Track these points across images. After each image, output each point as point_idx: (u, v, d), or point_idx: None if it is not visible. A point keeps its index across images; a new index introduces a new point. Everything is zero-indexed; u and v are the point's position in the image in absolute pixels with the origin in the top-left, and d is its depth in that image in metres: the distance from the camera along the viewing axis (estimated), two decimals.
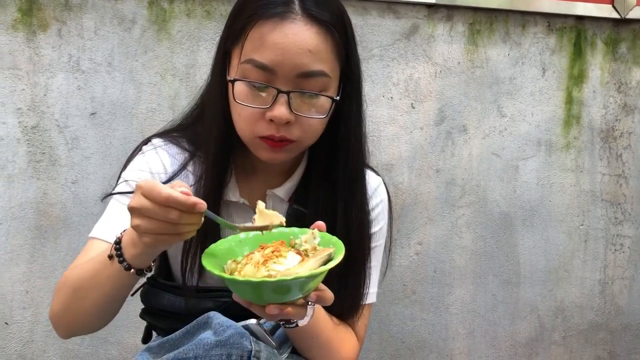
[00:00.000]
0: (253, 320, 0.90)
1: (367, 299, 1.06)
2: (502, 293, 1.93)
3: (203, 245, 0.95)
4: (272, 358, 0.85)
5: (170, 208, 0.70)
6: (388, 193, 1.12)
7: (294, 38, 0.87)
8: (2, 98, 1.58)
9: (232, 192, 1.01)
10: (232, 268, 0.79)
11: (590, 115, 1.93)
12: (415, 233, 1.85)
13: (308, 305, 0.82)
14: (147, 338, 1.10)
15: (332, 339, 0.99)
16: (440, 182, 1.85)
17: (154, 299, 1.02)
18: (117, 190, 0.99)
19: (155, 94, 1.65)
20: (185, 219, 0.72)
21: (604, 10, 1.86)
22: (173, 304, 1.00)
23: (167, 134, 1.05)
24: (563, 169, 1.93)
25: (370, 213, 1.05)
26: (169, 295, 1.00)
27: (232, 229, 0.81)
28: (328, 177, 1.00)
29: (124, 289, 0.88)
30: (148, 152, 1.02)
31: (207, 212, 0.74)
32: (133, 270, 0.81)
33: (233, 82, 0.90)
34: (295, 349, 1.00)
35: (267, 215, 0.82)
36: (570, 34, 1.89)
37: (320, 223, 0.84)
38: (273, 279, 0.71)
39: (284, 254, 0.77)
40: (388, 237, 1.12)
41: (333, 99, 0.92)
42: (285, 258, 0.76)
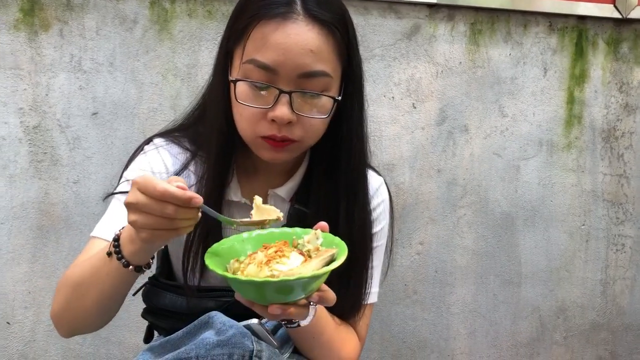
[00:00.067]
0: (255, 320, 0.90)
1: (368, 299, 1.06)
2: (503, 293, 1.93)
3: (205, 245, 0.95)
4: (273, 358, 0.85)
5: (166, 203, 0.70)
6: (389, 193, 1.12)
7: (296, 38, 0.87)
8: (4, 98, 1.58)
9: (233, 191, 1.01)
10: (235, 267, 0.79)
11: (592, 115, 1.92)
12: (417, 233, 1.85)
13: (310, 306, 0.82)
14: (148, 338, 1.10)
15: (333, 339, 0.99)
16: (442, 182, 1.85)
17: (156, 299, 1.02)
18: (118, 190, 0.99)
19: (157, 94, 1.65)
20: (182, 214, 0.72)
21: (606, 10, 1.86)
22: (174, 304, 1.00)
23: (168, 134, 1.05)
24: (564, 169, 1.93)
25: (372, 213, 1.05)
26: (171, 295, 1.01)
27: (229, 224, 0.81)
28: (330, 177, 1.00)
29: (124, 287, 0.88)
30: (150, 151, 1.02)
31: (203, 206, 0.73)
32: (132, 267, 0.81)
33: (235, 82, 0.90)
34: (297, 349, 1.00)
35: (264, 210, 0.82)
36: (572, 34, 1.88)
37: (323, 224, 0.84)
38: (276, 279, 0.71)
39: (287, 254, 0.77)
40: (389, 237, 1.12)
41: (335, 99, 0.92)
42: (288, 258, 0.76)
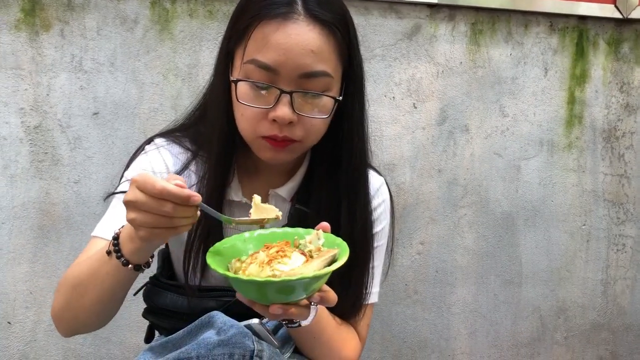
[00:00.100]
0: (255, 320, 0.90)
1: (369, 299, 1.06)
2: (504, 293, 1.93)
3: (206, 245, 0.95)
4: (274, 357, 0.85)
5: (165, 201, 0.71)
6: (390, 193, 1.12)
7: (297, 38, 0.87)
8: (5, 98, 1.58)
9: (234, 191, 1.01)
10: (236, 267, 0.79)
11: (593, 115, 1.92)
12: (417, 233, 1.85)
13: (311, 306, 0.82)
14: (149, 337, 1.10)
15: (334, 339, 0.99)
16: (442, 182, 1.85)
17: (157, 298, 1.02)
18: (119, 190, 0.99)
19: (158, 94, 1.65)
20: (180, 212, 0.72)
21: (607, 10, 1.86)
22: (175, 303, 1.00)
23: (169, 134, 1.06)
24: (565, 169, 1.93)
25: (373, 213, 1.05)
26: (172, 295, 1.01)
27: (227, 223, 0.81)
28: (331, 177, 1.00)
29: (123, 286, 0.88)
30: (151, 151, 1.02)
31: (202, 204, 0.74)
32: (131, 266, 0.82)
33: (236, 82, 0.90)
34: (298, 349, 1.00)
35: (263, 209, 0.82)
36: (573, 34, 1.88)
37: (325, 224, 0.84)
38: (278, 279, 0.71)
39: (289, 254, 0.77)
40: (390, 237, 1.12)
41: (336, 99, 0.92)
42: (290, 258, 0.76)
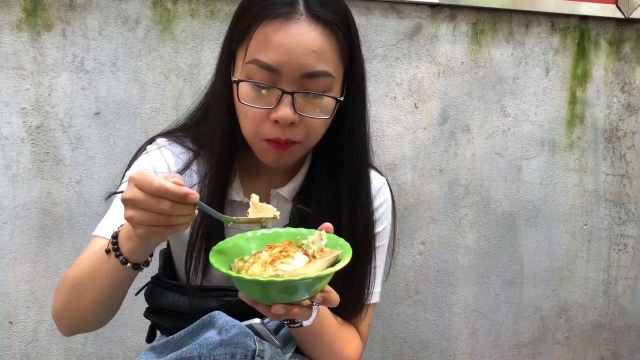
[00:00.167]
0: (257, 320, 0.90)
1: (370, 299, 1.06)
2: (505, 293, 1.93)
3: (207, 244, 0.95)
4: (276, 357, 0.85)
5: (162, 198, 0.71)
6: (391, 193, 1.12)
7: (299, 38, 0.87)
8: (6, 98, 1.58)
9: (236, 191, 1.01)
10: (239, 266, 0.79)
11: (594, 115, 1.92)
12: (419, 233, 1.85)
13: (313, 306, 0.82)
14: (151, 337, 1.10)
15: (336, 339, 0.99)
16: (444, 182, 1.85)
17: (158, 298, 1.02)
18: (120, 189, 0.99)
19: (159, 94, 1.65)
20: (178, 210, 0.72)
21: (608, 10, 1.86)
22: (177, 303, 1.00)
23: (171, 134, 1.06)
24: (566, 169, 1.93)
25: (374, 213, 1.05)
26: (173, 295, 1.01)
27: (225, 221, 0.81)
28: (332, 177, 1.00)
29: (122, 285, 0.88)
30: (152, 151, 1.02)
31: (199, 203, 0.74)
32: (129, 265, 0.82)
33: (237, 82, 0.90)
34: (299, 349, 1.00)
35: (260, 208, 0.81)
36: (574, 34, 1.88)
37: (328, 225, 0.84)
38: (281, 279, 0.71)
39: (292, 254, 0.76)
40: (391, 237, 1.12)
41: (337, 100, 0.92)
42: (293, 258, 0.76)
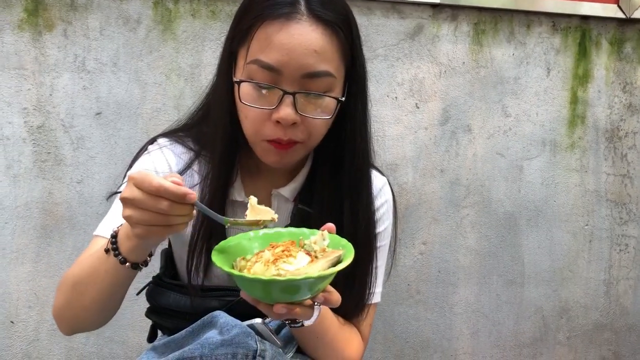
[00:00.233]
0: (258, 320, 0.90)
1: (372, 299, 1.06)
2: (506, 293, 1.92)
3: (208, 245, 0.96)
4: (277, 357, 0.85)
5: (161, 198, 0.71)
6: (393, 193, 1.12)
7: (300, 38, 0.86)
8: (8, 98, 1.58)
9: (237, 191, 1.01)
10: (241, 265, 0.79)
11: (595, 115, 1.92)
12: (420, 233, 1.85)
13: (315, 306, 0.82)
14: (152, 337, 1.11)
15: (337, 339, 0.99)
16: (445, 182, 1.85)
17: (160, 298, 1.02)
18: (121, 190, 0.99)
19: (161, 94, 1.65)
20: (176, 210, 0.72)
21: (609, 10, 1.86)
22: (178, 303, 1.00)
23: (172, 134, 1.06)
24: (568, 169, 1.92)
25: (376, 213, 1.05)
26: (175, 294, 1.01)
27: (223, 222, 0.81)
28: (333, 177, 1.00)
29: (122, 284, 0.88)
30: (153, 151, 1.03)
31: (197, 203, 0.74)
32: (128, 264, 0.82)
33: (239, 83, 0.90)
34: (300, 348, 1.00)
35: (258, 210, 0.81)
36: (575, 34, 1.88)
37: (330, 225, 0.84)
38: (283, 278, 0.71)
39: (294, 254, 0.77)
40: (393, 237, 1.12)
41: (338, 100, 0.92)
42: (295, 258, 0.76)
